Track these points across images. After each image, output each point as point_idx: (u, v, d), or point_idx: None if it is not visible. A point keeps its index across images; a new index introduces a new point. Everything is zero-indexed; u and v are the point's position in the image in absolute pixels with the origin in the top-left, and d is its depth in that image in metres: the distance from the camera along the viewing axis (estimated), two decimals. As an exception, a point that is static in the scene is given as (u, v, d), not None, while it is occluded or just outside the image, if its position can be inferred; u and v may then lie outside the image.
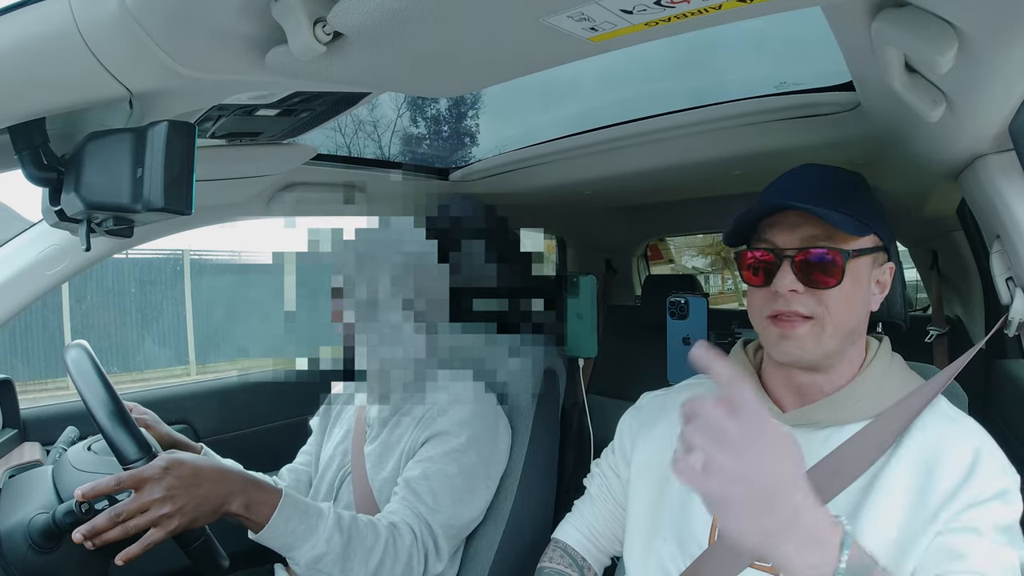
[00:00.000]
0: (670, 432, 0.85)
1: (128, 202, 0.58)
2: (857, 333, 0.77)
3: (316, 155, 1.12)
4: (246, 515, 0.86)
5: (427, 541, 0.98)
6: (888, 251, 0.79)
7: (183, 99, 0.66)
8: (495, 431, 1.11)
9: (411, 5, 0.46)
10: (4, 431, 1.25)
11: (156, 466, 0.81)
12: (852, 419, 0.74)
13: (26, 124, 0.63)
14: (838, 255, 0.72)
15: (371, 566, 0.92)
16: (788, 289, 0.73)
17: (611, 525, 0.94)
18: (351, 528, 0.91)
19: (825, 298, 0.73)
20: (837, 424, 0.74)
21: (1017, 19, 0.49)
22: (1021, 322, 0.83)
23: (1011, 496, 0.66)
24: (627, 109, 1.19)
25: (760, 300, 0.76)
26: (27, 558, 0.83)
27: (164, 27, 0.50)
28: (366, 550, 0.91)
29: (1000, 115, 0.67)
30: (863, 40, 0.62)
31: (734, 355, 0.87)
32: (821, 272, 0.73)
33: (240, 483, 0.87)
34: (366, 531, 0.93)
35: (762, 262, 0.76)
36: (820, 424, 0.75)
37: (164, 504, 0.79)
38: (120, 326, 6.23)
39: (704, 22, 0.51)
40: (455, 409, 1.07)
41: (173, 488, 0.80)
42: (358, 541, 0.91)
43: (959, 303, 1.71)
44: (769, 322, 0.75)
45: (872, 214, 0.77)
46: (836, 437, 0.73)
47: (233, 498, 0.85)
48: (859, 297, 0.75)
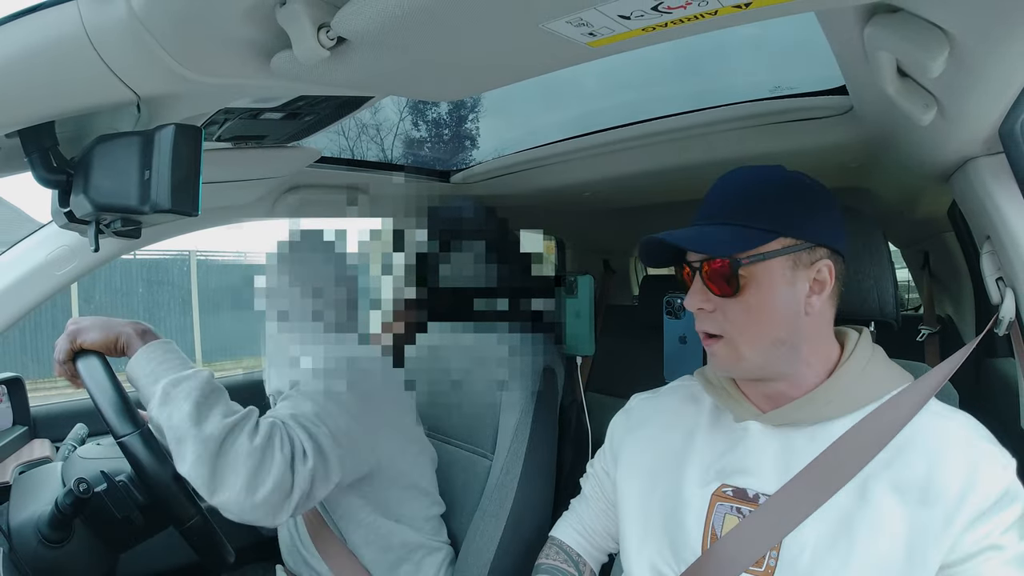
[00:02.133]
0: (657, 434, 0.85)
1: (136, 204, 0.59)
2: (796, 339, 0.72)
3: (320, 158, 1.12)
4: (137, 341, 0.88)
5: (294, 435, 0.89)
6: (824, 248, 0.72)
7: (190, 103, 0.66)
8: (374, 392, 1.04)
9: (413, 11, 0.46)
10: (15, 428, 1.25)
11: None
12: (837, 414, 0.72)
13: (36, 127, 0.63)
14: (726, 263, 0.70)
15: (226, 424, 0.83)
16: (696, 308, 0.74)
17: (605, 524, 0.94)
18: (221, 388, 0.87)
19: (730, 313, 0.71)
20: (821, 421, 0.73)
21: (1007, 24, 0.49)
22: (1011, 321, 0.83)
23: (1014, 492, 0.65)
24: (625, 112, 1.19)
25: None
26: (37, 552, 0.83)
27: (171, 32, 0.50)
28: (227, 406, 0.85)
29: (990, 118, 0.67)
30: (856, 45, 0.62)
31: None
32: (716, 283, 0.72)
33: (140, 328, 0.90)
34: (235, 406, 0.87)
35: (684, 281, 0.77)
36: (803, 422, 0.74)
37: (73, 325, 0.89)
38: (128, 325, 6.23)
39: (701, 27, 0.51)
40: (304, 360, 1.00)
41: (78, 320, 0.90)
42: (222, 396, 0.86)
43: (950, 303, 1.71)
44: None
45: (787, 214, 0.71)
46: (822, 434, 0.72)
47: (128, 330, 0.89)
48: (775, 304, 0.70)
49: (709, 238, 0.72)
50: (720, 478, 0.76)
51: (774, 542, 0.69)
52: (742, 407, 0.78)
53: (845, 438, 0.70)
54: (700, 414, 0.83)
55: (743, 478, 0.75)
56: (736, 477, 0.75)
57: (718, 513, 0.74)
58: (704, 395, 0.84)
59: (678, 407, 0.87)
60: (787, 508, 0.70)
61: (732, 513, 0.74)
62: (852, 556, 0.65)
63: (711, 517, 0.75)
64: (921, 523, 0.64)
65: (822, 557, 0.67)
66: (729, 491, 0.75)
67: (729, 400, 0.80)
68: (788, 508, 0.70)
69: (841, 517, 0.68)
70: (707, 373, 0.85)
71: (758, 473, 0.74)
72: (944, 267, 1.64)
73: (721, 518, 0.74)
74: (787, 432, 0.74)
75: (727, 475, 0.76)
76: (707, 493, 0.76)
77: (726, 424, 0.80)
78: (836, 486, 0.68)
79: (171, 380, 0.83)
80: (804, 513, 0.69)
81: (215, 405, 0.84)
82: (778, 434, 0.75)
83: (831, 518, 0.68)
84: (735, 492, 0.74)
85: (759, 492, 0.73)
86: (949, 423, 0.70)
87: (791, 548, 0.69)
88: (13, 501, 0.90)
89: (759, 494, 0.73)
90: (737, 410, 0.78)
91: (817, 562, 0.67)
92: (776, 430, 0.75)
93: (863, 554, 0.65)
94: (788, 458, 0.73)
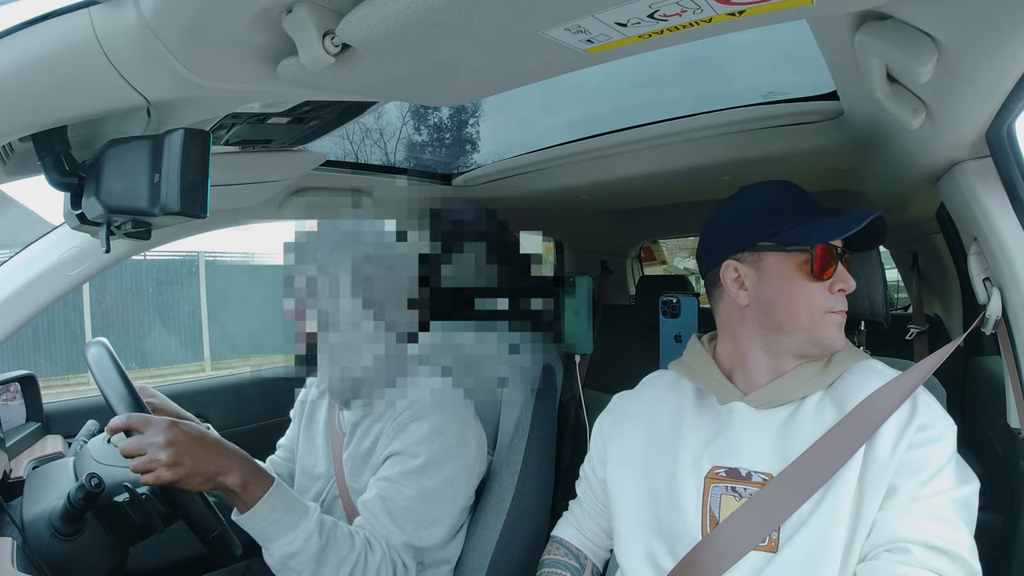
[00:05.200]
0: (644, 425, 0.86)
1: (146, 206, 0.58)
2: None
3: (325, 161, 1.12)
4: (238, 492, 0.83)
5: (395, 557, 0.93)
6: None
7: (199, 108, 0.66)
8: (459, 445, 0.99)
9: (415, 19, 0.46)
10: (28, 424, 1.25)
11: (164, 419, 0.81)
12: (811, 391, 0.76)
13: (49, 132, 0.63)
14: None
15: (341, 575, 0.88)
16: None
17: (600, 523, 0.95)
18: (330, 534, 0.88)
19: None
20: (798, 398, 0.77)
21: (993, 32, 0.49)
22: (997, 320, 0.83)
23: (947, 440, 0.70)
24: (622, 117, 1.19)
25: (821, 295, 0.77)
26: (50, 545, 0.83)
27: (181, 39, 0.50)
28: (340, 558, 0.87)
29: (977, 123, 0.67)
30: (847, 51, 0.62)
31: (692, 346, 0.89)
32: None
33: (240, 460, 0.85)
34: (343, 540, 0.89)
35: (833, 260, 0.77)
36: (782, 400, 0.77)
37: (162, 451, 0.78)
38: (138, 324, 6.22)
39: (696, 34, 0.51)
40: (415, 425, 0.97)
41: (176, 441, 0.79)
42: (333, 548, 0.87)
43: (938, 302, 1.71)
44: (834, 315, 0.78)
45: None
46: (800, 411, 0.76)
47: (230, 471, 0.82)
48: None
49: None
50: (712, 460, 0.77)
51: (774, 526, 0.71)
52: (727, 390, 0.80)
53: (840, 425, 0.72)
54: (684, 400, 0.85)
55: (734, 458, 0.76)
56: (727, 458, 0.76)
57: (714, 495, 0.75)
58: (683, 381, 0.87)
59: (660, 395, 0.88)
60: (787, 493, 0.71)
61: (728, 493, 0.75)
62: (831, 513, 0.69)
63: (707, 500, 0.75)
64: (870, 457, 0.69)
65: (808, 518, 0.70)
66: (722, 472, 0.76)
67: (713, 384, 0.82)
68: (788, 493, 0.71)
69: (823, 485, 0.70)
70: (686, 361, 0.88)
71: (748, 452, 0.76)
72: (932, 267, 1.65)
73: (718, 500, 0.75)
74: (770, 412, 0.77)
75: (718, 457, 0.77)
76: (700, 476, 0.77)
77: (711, 407, 0.82)
78: (833, 469, 0.70)
79: (285, 554, 0.85)
80: (803, 497, 0.70)
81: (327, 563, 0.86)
82: (762, 414, 0.77)
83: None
84: (728, 472, 0.75)
85: (751, 470, 0.74)
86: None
87: (791, 520, 0.71)
88: (26, 495, 0.90)
89: (751, 472, 0.74)
90: (721, 393, 0.80)
91: (805, 522, 0.69)
92: (759, 411, 0.77)
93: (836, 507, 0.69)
94: (775, 435, 0.75)
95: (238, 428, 1.57)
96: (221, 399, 1.59)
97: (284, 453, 1.24)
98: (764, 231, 0.78)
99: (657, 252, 3.12)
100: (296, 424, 1.21)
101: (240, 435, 1.49)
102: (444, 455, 0.97)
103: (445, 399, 1.02)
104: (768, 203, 0.80)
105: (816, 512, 0.69)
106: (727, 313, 0.83)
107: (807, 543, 0.68)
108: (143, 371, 5.95)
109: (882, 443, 0.69)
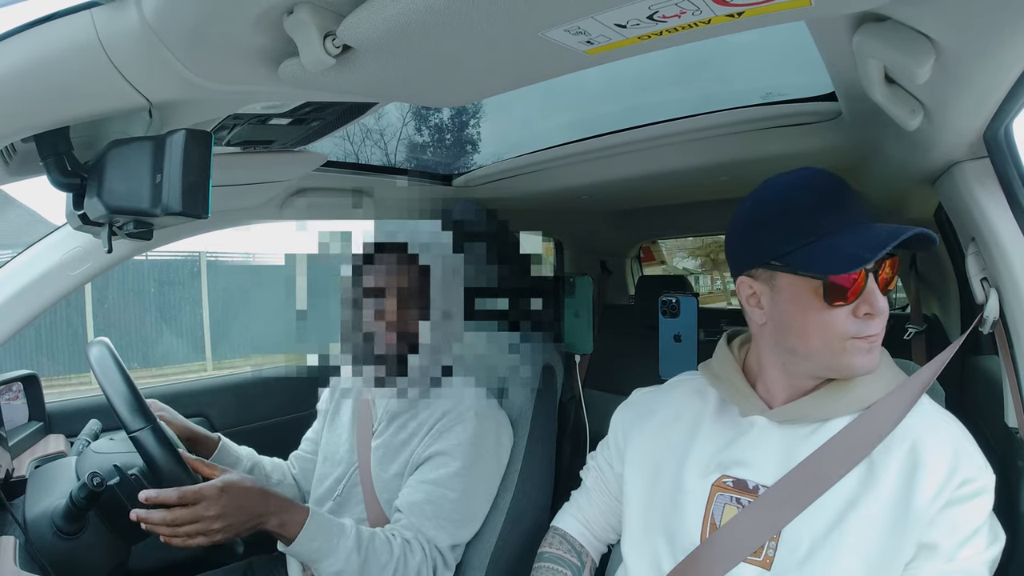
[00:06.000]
0: (663, 425, 0.85)
1: (148, 206, 0.59)
2: None
3: (326, 162, 1.12)
4: (279, 532, 0.92)
5: (435, 555, 1.00)
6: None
7: (200, 109, 0.66)
8: (496, 448, 1.09)
9: (416, 20, 0.46)
10: (30, 424, 1.25)
11: (214, 486, 0.87)
12: (841, 412, 0.72)
13: (51, 133, 0.63)
14: (897, 260, 0.74)
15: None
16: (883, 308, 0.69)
17: (606, 515, 0.94)
18: (369, 547, 0.95)
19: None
20: (825, 418, 0.73)
21: (991, 32, 0.49)
22: (995, 320, 0.83)
23: (988, 494, 0.67)
24: (622, 117, 1.19)
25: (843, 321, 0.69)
26: (53, 544, 0.83)
27: (183, 41, 0.50)
28: (380, 566, 0.95)
29: (975, 123, 0.67)
30: (845, 52, 0.62)
31: (721, 349, 0.86)
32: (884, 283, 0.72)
33: (276, 503, 0.92)
34: (382, 549, 0.96)
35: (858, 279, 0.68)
36: (807, 419, 0.73)
37: (216, 521, 0.86)
38: (140, 324, 6.22)
39: (695, 35, 0.51)
40: (460, 428, 1.04)
41: (226, 508, 0.87)
42: (374, 559, 0.95)
43: (936, 302, 1.71)
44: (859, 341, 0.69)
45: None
46: (823, 431, 0.72)
47: (270, 517, 0.91)
48: None
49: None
50: (721, 469, 0.76)
51: (771, 534, 0.70)
52: (749, 402, 0.77)
53: (841, 435, 0.70)
54: (706, 407, 0.83)
55: (743, 470, 0.74)
56: (737, 468, 0.75)
57: (718, 503, 0.74)
58: (709, 389, 0.84)
59: (684, 400, 0.86)
60: (784, 501, 0.70)
61: (732, 504, 0.73)
62: (841, 546, 0.66)
63: (711, 507, 0.74)
64: (905, 506, 0.66)
65: (817, 548, 0.67)
66: (729, 482, 0.75)
67: (737, 395, 0.79)
68: (785, 501, 0.70)
69: (836, 510, 0.68)
70: (713, 367, 0.85)
71: (759, 466, 0.74)
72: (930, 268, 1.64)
73: (721, 508, 0.74)
74: (790, 428, 0.74)
75: (728, 466, 0.76)
76: (707, 483, 0.76)
77: (731, 417, 0.80)
78: (832, 480, 0.68)
79: (333, 573, 0.93)
80: (801, 506, 0.69)
81: (369, 573, 0.94)
82: (781, 430, 0.75)
83: (827, 511, 0.68)
84: (735, 483, 0.74)
85: (759, 484, 0.73)
86: (937, 420, 0.71)
87: (790, 539, 0.69)
88: (29, 494, 0.90)
89: (759, 485, 0.73)
90: (744, 405, 0.78)
91: (814, 552, 0.67)
92: (780, 426, 0.75)
93: (853, 545, 0.66)
94: (789, 453, 0.73)
95: (239, 427, 1.57)
96: (222, 398, 1.59)
97: (308, 446, 1.29)
98: (774, 250, 0.70)
99: (656, 252, 3.12)
100: (321, 420, 1.27)
101: (242, 434, 1.49)
102: (483, 456, 1.06)
103: (482, 400, 1.10)
104: (784, 210, 0.71)
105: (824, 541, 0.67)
106: (751, 324, 0.79)
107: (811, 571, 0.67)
108: (145, 370, 5.95)
109: (921, 491, 0.65)
